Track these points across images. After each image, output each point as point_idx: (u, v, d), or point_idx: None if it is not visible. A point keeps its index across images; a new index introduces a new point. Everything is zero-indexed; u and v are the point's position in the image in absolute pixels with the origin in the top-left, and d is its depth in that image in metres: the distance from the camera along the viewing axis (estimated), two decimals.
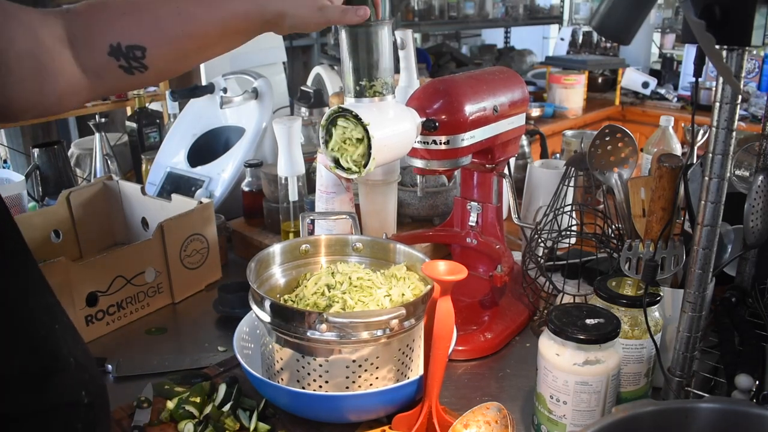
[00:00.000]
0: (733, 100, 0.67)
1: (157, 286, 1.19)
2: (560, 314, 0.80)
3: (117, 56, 0.72)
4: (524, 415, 0.89)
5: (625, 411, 0.66)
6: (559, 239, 1.11)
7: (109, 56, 0.72)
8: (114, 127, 2.83)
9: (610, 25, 0.78)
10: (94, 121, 1.70)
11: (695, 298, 0.74)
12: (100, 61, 0.72)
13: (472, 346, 1.03)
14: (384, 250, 1.01)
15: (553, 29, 4.98)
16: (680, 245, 0.89)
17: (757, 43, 0.63)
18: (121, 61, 0.72)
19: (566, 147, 1.74)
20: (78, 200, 1.36)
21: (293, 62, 4.13)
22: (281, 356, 0.85)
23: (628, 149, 1.04)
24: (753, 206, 0.87)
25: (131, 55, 0.72)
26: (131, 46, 0.72)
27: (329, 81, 2.02)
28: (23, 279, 0.60)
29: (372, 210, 1.21)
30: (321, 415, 0.86)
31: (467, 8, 3.83)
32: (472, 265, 1.19)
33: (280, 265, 0.98)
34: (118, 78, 0.74)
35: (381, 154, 0.84)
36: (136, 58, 0.73)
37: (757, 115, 2.94)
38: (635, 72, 3.49)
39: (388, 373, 0.85)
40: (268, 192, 1.39)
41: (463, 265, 0.76)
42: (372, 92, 0.86)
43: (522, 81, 1.12)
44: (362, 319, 0.80)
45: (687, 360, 0.78)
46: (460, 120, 0.95)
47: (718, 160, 0.69)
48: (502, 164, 1.13)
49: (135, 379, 0.98)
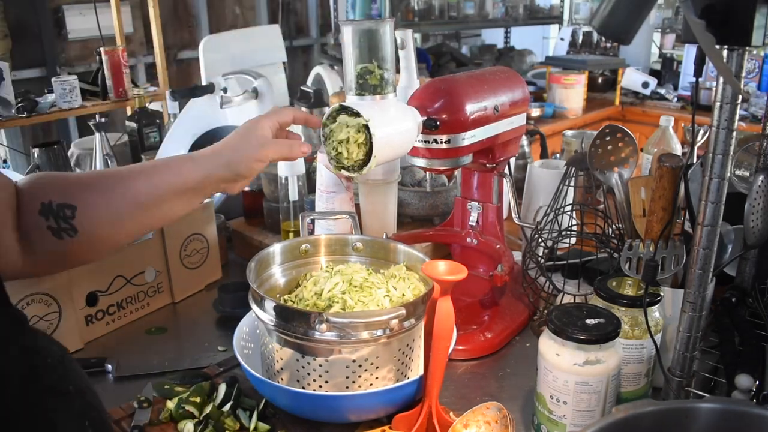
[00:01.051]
0: (733, 100, 0.67)
1: (157, 285, 1.19)
2: (560, 314, 0.80)
3: (46, 215, 0.68)
4: (524, 415, 0.89)
5: (625, 411, 0.66)
6: (559, 239, 1.11)
7: (39, 215, 0.68)
8: (114, 127, 2.83)
9: (611, 25, 0.78)
10: (94, 120, 1.70)
11: (695, 298, 0.74)
12: (30, 220, 0.69)
13: (472, 346, 1.03)
14: (384, 250, 1.01)
15: (553, 29, 4.98)
16: (680, 245, 0.89)
17: (757, 43, 0.63)
18: (50, 221, 0.68)
19: (566, 147, 1.74)
20: None
21: (293, 62, 4.14)
22: (281, 356, 0.85)
23: (629, 149, 1.04)
24: (753, 206, 0.87)
25: (60, 214, 0.68)
26: (62, 204, 0.69)
27: (329, 81, 2.02)
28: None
29: (372, 210, 1.21)
30: (321, 415, 0.86)
31: (467, 8, 3.83)
32: (472, 265, 1.19)
33: (280, 265, 0.98)
34: (46, 242, 0.69)
35: (382, 153, 0.84)
36: (65, 218, 0.69)
37: (757, 115, 2.94)
38: (635, 72, 3.49)
39: (388, 373, 0.85)
40: (268, 192, 1.39)
41: (463, 265, 0.76)
42: (373, 90, 0.86)
43: (522, 81, 1.12)
44: (362, 319, 0.80)
45: (687, 360, 0.77)
46: (461, 119, 0.95)
47: (718, 160, 0.69)
48: (503, 164, 1.13)
49: (135, 379, 0.98)
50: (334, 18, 3.99)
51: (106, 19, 2.90)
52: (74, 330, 1.05)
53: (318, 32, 4.40)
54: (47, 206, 0.68)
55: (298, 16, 4.35)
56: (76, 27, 3.27)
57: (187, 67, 3.80)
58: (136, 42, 3.55)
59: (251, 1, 4.08)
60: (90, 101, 2.60)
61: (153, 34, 2.75)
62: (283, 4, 4.17)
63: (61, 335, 1.03)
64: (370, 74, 0.85)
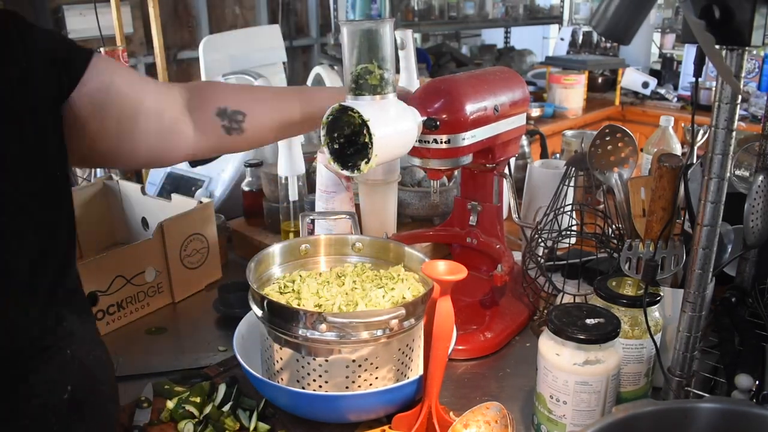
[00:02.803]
0: (733, 100, 0.67)
1: (157, 285, 1.19)
2: (560, 314, 0.80)
3: (222, 117, 0.87)
4: (524, 415, 0.89)
5: (625, 411, 0.66)
6: (559, 239, 1.11)
7: (215, 116, 0.86)
8: None
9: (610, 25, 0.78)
10: None
11: (695, 298, 0.74)
12: (207, 119, 0.86)
13: (472, 346, 1.03)
14: (384, 250, 1.01)
15: (553, 29, 4.98)
16: (680, 245, 0.89)
17: (757, 43, 0.63)
18: (224, 122, 0.87)
19: (566, 147, 1.74)
20: (78, 200, 1.36)
21: (293, 62, 4.14)
22: (281, 356, 0.85)
23: (628, 149, 1.04)
24: (753, 206, 0.87)
25: (234, 118, 0.87)
26: (235, 111, 0.87)
27: (329, 81, 2.02)
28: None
29: (372, 210, 1.21)
30: (321, 415, 0.86)
31: (467, 8, 3.83)
32: (472, 264, 1.19)
33: (280, 265, 0.98)
34: (218, 137, 0.87)
35: (382, 152, 0.84)
36: (237, 121, 0.87)
37: (757, 115, 2.94)
38: (635, 72, 3.49)
39: (387, 373, 0.85)
40: (268, 192, 1.39)
41: (463, 265, 0.76)
42: (373, 90, 0.86)
43: (522, 81, 1.12)
44: (362, 319, 0.80)
45: (687, 360, 0.77)
46: (461, 119, 0.95)
47: (718, 160, 0.69)
48: (503, 164, 1.13)
49: (135, 379, 0.98)
50: (334, 18, 3.99)
51: (106, 19, 2.89)
52: None
53: (318, 32, 4.40)
54: (223, 110, 0.87)
55: (298, 16, 4.35)
56: (76, 27, 3.27)
57: (187, 67, 3.80)
58: (136, 42, 3.55)
59: (251, 1, 4.07)
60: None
61: (153, 34, 2.74)
62: (283, 4, 4.17)
63: None
64: (369, 74, 0.85)
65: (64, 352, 0.66)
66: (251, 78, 1.62)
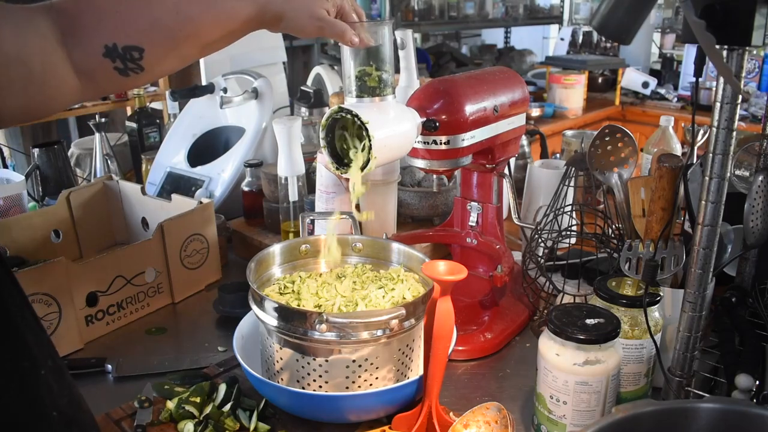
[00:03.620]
0: (733, 100, 0.67)
1: (157, 286, 1.19)
2: (560, 314, 0.80)
3: (113, 57, 0.68)
4: (524, 415, 0.89)
5: (625, 411, 0.66)
6: (559, 239, 1.11)
7: (104, 57, 0.68)
8: (114, 127, 2.83)
9: (611, 25, 0.78)
10: (94, 121, 1.70)
11: (695, 298, 0.74)
12: (93, 61, 0.68)
13: (472, 346, 1.03)
14: (384, 250, 1.01)
15: (553, 29, 4.98)
16: (680, 245, 0.89)
17: (757, 43, 0.63)
18: (116, 63, 0.69)
19: (566, 147, 1.74)
20: (78, 200, 1.36)
21: (293, 62, 4.14)
22: (281, 356, 0.85)
23: (628, 149, 1.04)
24: (753, 206, 0.87)
25: (128, 56, 0.69)
26: (128, 47, 0.68)
27: (329, 81, 2.02)
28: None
29: (372, 210, 1.20)
30: (321, 415, 0.86)
31: (467, 8, 3.83)
32: (472, 265, 1.20)
33: (280, 265, 0.98)
34: (112, 79, 0.70)
35: (381, 154, 0.84)
36: (133, 59, 0.69)
37: (757, 115, 2.94)
38: (635, 72, 3.49)
39: (387, 373, 0.85)
40: (268, 192, 1.39)
41: (463, 265, 0.76)
42: (372, 92, 0.86)
43: (522, 81, 1.12)
44: (362, 319, 0.80)
45: (687, 360, 0.78)
46: (461, 120, 0.95)
47: (718, 160, 0.69)
48: (503, 164, 1.13)
49: (135, 379, 0.98)
50: None
51: None
52: (74, 330, 1.05)
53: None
54: (111, 48, 0.68)
55: None
56: None
57: (187, 67, 3.79)
58: None
59: None
60: (90, 101, 2.60)
61: None
62: None
63: (61, 335, 1.03)
64: (368, 76, 0.85)
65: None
66: (251, 78, 1.62)
